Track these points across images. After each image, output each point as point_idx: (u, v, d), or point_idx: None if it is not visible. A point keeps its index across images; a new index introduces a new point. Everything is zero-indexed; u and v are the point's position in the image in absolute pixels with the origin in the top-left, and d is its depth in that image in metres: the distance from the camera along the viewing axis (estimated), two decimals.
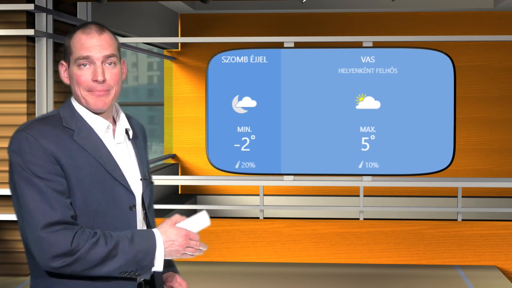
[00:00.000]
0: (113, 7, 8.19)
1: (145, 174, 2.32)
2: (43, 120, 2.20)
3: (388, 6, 9.97)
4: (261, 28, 10.47)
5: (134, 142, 2.35)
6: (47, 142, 2.12)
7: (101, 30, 2.22)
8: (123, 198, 2.21)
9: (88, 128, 2.22)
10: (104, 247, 2.08)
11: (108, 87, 2.21)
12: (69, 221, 2.09)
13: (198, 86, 10.61)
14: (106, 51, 2.20)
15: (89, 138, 2.20)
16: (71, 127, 2.20)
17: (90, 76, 2.20)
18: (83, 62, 2.20)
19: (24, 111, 6.22)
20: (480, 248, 6.75)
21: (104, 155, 2.20)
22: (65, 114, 2.24)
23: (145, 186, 2.31)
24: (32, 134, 2.13)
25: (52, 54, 6.44)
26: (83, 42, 2.20)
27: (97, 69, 2.19)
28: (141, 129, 2.43)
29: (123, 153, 2.29)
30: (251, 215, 10.26)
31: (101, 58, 2.20)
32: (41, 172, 2.09)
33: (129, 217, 2.22)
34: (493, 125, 10.29)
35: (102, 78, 2.19)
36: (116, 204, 2.20)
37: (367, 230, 6.84)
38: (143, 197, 2.30)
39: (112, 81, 2.22)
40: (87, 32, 2.21)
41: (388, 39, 6.84)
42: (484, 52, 10.28)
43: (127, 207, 2.22)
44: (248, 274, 6.48)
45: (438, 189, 9.94)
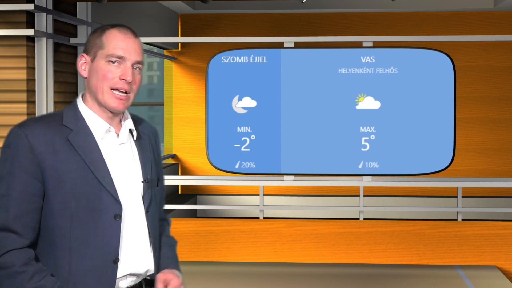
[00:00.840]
0: (113, 7, 8.19)
1: (147, 177, 2.29)
2: (41, 119, 2.20)
3: (388, 6, 9.97)
4: (261, 28, 10.47)
5: (139, 143, 2.33)
6: (36, 142, 2.13)
7: (135, 35, 2.27)
8: (107, 206, 2.18)
9: (87, 130, 2.21)
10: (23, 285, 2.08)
11: (130, 89, 2.23)
12: (13, 230, 2.10)
13: (198, 86, 10.61)
14: (139, 56, 2.25)
15: (84, 140, 2.19)
16: (70, 127, 2.19)
17: (118, 73, 2.21)
18: (114, 60, 2.21)
19: (24, 111, 6.22)
20: (480, 248, 6.75)
21: (96, 159, 2.18)
22: (68, 112, 2.24)
23: (147, 188, 2.28)
24: (24, 131, 2.14)
25: (52, 54, 6.44)
26: (119, 40, 2.22)
27: (128, 69, 2.21)
28: (152, 132, 2.43)
29: (126, 154, 2.28)
30: (251, 215, 10.27)
31: (133, 61, 2.23)
32: (19, 169, 2.12)
33: (112, 226, 2.18)
34: (493, 125, 10.28)
35: (131, 78, 2.21)
36: (99, 212, 2.17)
37: (367, 230, 6.84)
38: (143, 199, 2.28)
39: (135, 85, 2.25)
40: (124, 32, 2.24)
41: (388, 39, 6.84)
42: (484, 52, 10.28)
43: (111, 216, 2.18)
44: (248, 274, 6.48)
45: (438, 189, 9.94)
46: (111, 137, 2.25)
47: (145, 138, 2.37)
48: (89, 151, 2.18)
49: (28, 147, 2.13)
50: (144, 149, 2.34)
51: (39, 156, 2.13)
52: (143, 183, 2.28)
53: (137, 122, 2.37)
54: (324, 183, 6.96)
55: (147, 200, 2.28)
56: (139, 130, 2.36)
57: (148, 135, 2.39)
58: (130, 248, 2.24)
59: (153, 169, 2.34)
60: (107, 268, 2.16)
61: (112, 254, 2.18)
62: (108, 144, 2.24)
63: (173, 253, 2.44)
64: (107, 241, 2.17)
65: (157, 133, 2.47)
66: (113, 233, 2.18)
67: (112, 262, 2.18)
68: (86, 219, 2.15)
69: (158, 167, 2.41)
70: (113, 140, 2.25)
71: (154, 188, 2.34)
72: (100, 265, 2.17)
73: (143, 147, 2.34)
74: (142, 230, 2.27)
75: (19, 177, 2.12)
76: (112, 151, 2.24)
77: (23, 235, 2.13)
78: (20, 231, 2.12)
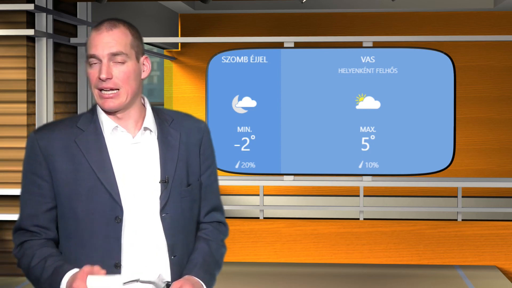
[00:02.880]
0: (113, 7, 8.19)
1: (166, 176, 2.17)
2: (57, 123, 2.22)
3: (388, 6, 9.96)
4: (261, 28, 10.47)
5: (162, 141, 2.20)
6: (44, 145, 2.15)
7: (111, 26, 2.14)
8: (107, 208, 2.12)
9: (98, 131, 2.17)
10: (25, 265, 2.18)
11: (114, 85, 2.12)
12: (27, 230, 2.19)
13: (198, 86, 10.61)
14: (113, 48, 2.12)
15: (92, 141, 2.15)
16: (82, 128, 2.17)
17: (97, 74, 2.12)
18: (93, 61, 2.14)
19: (24, 111, 6.21)
20: (480, 248, 6.75)
21: (100, 160, 2.13)
22: (86, 114, 2.21)
23: (164, 189, 2.17)
24: (36, 135, 2.18)
25: (52, 54, 6.44)
26: (92, 39, 2.14)
27: (102, 66, 2.11)
28: (195, 129, 2.27)
29: (140, 153, 2.18)
30: (251, 215, 10.26)
31: (107, 56, 2.12)
32: (28, 172, 2.17)
33: (114, 229, 2.12)
34: (493, 125, 10.28)
35: (105, 76, 2.10)
36: (99, 213, 2.12)
37: (367, 230, 6.83)
38: (160, 200, 2.16)
39: (119, 79, 2.12)
40: (97, 28, 2.15)
41: (388, 39, 6.84)
42: (484, 52, 10.28)
43: (112, 218, 2.12)
44: (248, 274, 6.48)
45: (438, 189, 9.93)
46: (122, 136, 2.17)
47: (175, 135, 2.22)
48: (95, 152, 2.14)
49: (38, 151, 2.16)
50: (169, 147, 2.20)
51: (48, 159, 2.15)
52: (161, 183, 2.17)
53: (167, 119, 2.24)
54: (324, 183, 6.96)
55: (163, 201, 2.16)
56: (170, 127, 2.23)
57: (187, 133, 2.25)
58: (135, 253, 2.14)
59: (178, 168, 2.20)
60: (109, 272, 2.07)
61: (113, 258, 2.12)
62: (118, 144, 2.17)
63: (204, 258, 2.24)
64: (107, 244, 2.12)
65: (203, 129, 2.30)
66: (114, 236, 2.12)
67: (113, 267, 2.11)
68: (87, 220, 2.13)
69: (203, 165, 2.28)
70: (125, 139, 2.17)
71: (180, 188, 2.19)
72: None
73: (168, 145, 2.20)
74: (153, 233, 2.16)
75: (30, 179, 2.17)
76: (123, 151, 2.17)
77: (36, 234, 2.17)
78: (34, 230, 2.17)
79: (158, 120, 2.22)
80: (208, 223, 2.33)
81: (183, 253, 2.21)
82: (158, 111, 2.26)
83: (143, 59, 2.20)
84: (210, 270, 2.25)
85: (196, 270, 2.20)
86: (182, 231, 2.21)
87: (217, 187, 2.35)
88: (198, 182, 2.26)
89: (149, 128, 2.19)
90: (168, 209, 2.17)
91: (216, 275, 2.31)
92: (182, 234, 2.21)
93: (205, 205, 2.30)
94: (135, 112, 2.19)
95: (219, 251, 2.33)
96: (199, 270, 2.21)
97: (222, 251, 2.35)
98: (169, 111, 2.28)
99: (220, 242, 2.34)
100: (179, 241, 2.20)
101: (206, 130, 2.31)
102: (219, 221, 2.36)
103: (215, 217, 2.34)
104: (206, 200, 2.30)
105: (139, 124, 2.19)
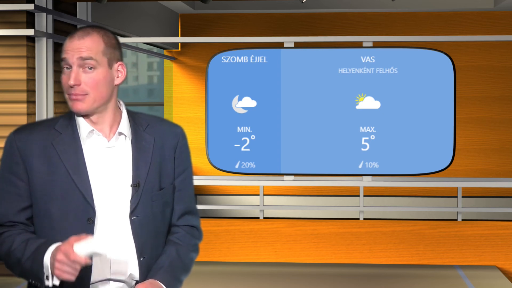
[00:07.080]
0: (113, 7, 8.19)
1: (137, 181, 2.21)
2: (35, 124, 2.27)
3: (388, 6, 9.96)
4: (261, 28, 10.47)
5: (136, 145, 2.25)
6: (22, 146, 2.21)
7: (85, 33, 2.19)
8: (80, 209, 2.17)
9: (75, 134, 2.22)
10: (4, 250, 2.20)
11: (82, 91, 2.17)
12: (3, 224, 2.23)
13: (198, 86, 10.61)
14: (83, 54, 2.16)
15: (68, 144, 2.20)
16: (60, 131, 2.23)
17: (67, 80, 2.18)
18: (65, 66, 2.19)
19: (24, 111, 6.22)
20: (480, 248, 6.75)
21: (75, 163, 2.19)
22: (65, 117, 2.26)
23: (135, 192, 2.21)
24: (15, 136, 2.23)
25: (52, 54, 6.44)
26: (65, 45, 2.20)
27: (71, 73, 2.17)
28: (170, 133, 2.32)
29: (114, 157, 2.23)
30: (251, 215, 10.26)
31: (76, 62, 2.16)
32: (6, 171, 2.23)
33: (86, 229, 2.16)
34: (493, 125, 10.29)
35: (73, 82, 2.16)
36: (73, 215, 2.18)
37: (367, 230, 6.84)
38: (130, 204, 2.21)
39: (87, 86, 2.17)
40: (71, 35, 2.20)
41: (388, 39, 6.84)
42: (484, 52, 10.28)
43: (84, 219, 2.18)
44: (248, 274, 6.48)
45: (438, 189, 9.93)
46: (98, 140, 2.22)
47: (149, 140, 2.27)
48: (70, 154, 2.19)
49: (16, 151, 2.21)
50: (143, 151, 2.25)
51: (25, 160, 2.20)
52: (132, 187, 2.22)
53: (142, 124, 2.29)
54: (324, 183, 6.96)
55: (133, 205, 2.21)
56: (145, 132, 2.28)
57: (161, 137, 2.29)
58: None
59: (151, 172, 2.25)
60: (81, 270, 2.10)
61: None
62: (93, 147, 2.22)
63: (171, 262, 2.28)
64: None
65: (179, 134, 2.34)
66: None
67: (85, 266, 2.13)
68: (61, 220, 2.19)
69: (178, 169, 2.32)
70: (100, 143, 2.22)
71: (151, 192, 2.24)
72: None
73: (141, 150, 2.26)
74: (123, 235, 2.21)
75: (7, 178, 2.23)
76: (97, 154, 2.22)
77: (15, 227, 2.23)
78: (11, 225, 2.23)
79: (134, 125, 2.28)
80: (181, 227, 2.36)
81: (152, 255, 2.27)
82: (134, 115, 2.31)
83: (118, 66, 2.24)
84: (175, 274, 2.28)
85: (161, 273, 2.24)
86: (152, 234, 2.27)
87: (192, 191, 2.39)
88: (171, 186, 2.31)
89: (123, 133, 2.25)
90: (137, 212, 2.23)
91: (183, 280, 2.34)
92: (151, 236, 2.26)
93: (179, 208, 2.34)
94: (109, 116, 2.24)
95: (188, 255, 2.34)
96: (164, 273, 2.24)
97: (191, 255, 2.36)
98: (145, 116, 2.32)
99: (191, 247, 2.36)
100: (148, 243, 2.25)
101: (182, 134, 2.36)
102: (192, 225, 2.39)
103: (188, 221, 2.37)
104: (180, 204, 2.34)
105: (114, 129, 2.25)
